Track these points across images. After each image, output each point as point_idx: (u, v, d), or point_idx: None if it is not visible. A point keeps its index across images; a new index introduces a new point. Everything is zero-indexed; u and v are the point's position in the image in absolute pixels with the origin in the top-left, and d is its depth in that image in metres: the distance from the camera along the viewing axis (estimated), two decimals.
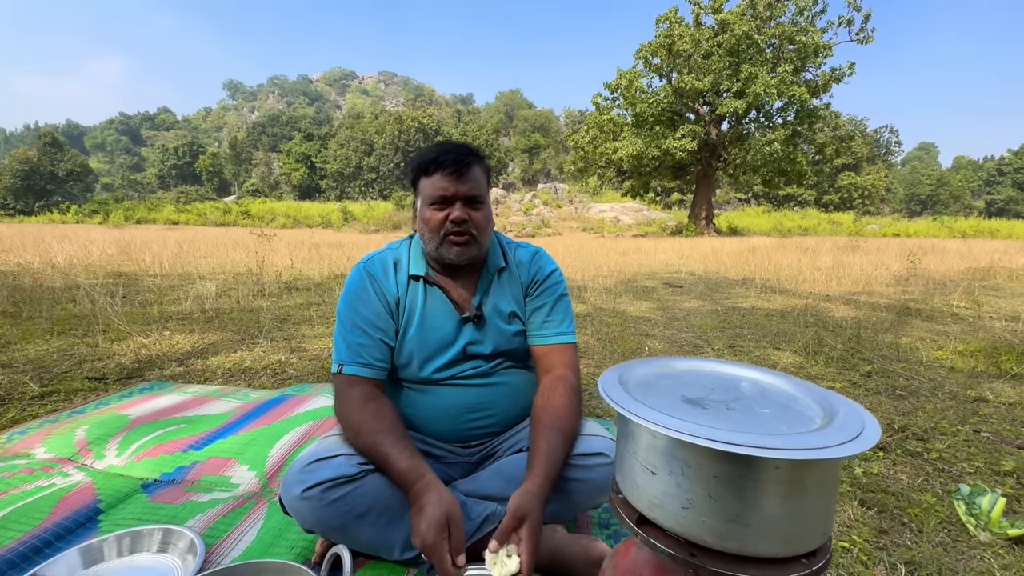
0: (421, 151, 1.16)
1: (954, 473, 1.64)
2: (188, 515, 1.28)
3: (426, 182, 1.13)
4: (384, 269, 1.20)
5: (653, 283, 6.68)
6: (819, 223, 29.31)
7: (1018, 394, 2.42)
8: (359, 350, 1.13)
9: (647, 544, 0.61)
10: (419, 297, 1.19)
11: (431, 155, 1.11)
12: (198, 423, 1.80)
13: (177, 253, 8.72)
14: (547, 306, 1.24)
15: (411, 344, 1.17)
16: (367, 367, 1.13)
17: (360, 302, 1.17)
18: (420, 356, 1.17)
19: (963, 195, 53.33)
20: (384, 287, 1.18)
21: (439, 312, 1.18)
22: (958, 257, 9.75)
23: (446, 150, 1.11)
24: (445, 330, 1.17)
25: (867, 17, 19.75)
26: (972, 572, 1.16)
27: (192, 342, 3.12)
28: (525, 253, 1.29)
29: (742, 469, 0.53)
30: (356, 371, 1.12)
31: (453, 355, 1.17)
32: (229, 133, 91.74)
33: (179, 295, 4.82)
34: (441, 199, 1.11)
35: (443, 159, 1.10)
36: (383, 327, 1.16)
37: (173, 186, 59.25)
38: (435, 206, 1.12)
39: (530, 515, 0.91)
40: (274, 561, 0.97)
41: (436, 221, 1.12)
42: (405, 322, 1.17)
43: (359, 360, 1.13)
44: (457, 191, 1.11)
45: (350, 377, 1.12)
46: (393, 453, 1.00)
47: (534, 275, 1.26)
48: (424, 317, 1.17)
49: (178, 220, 32.02)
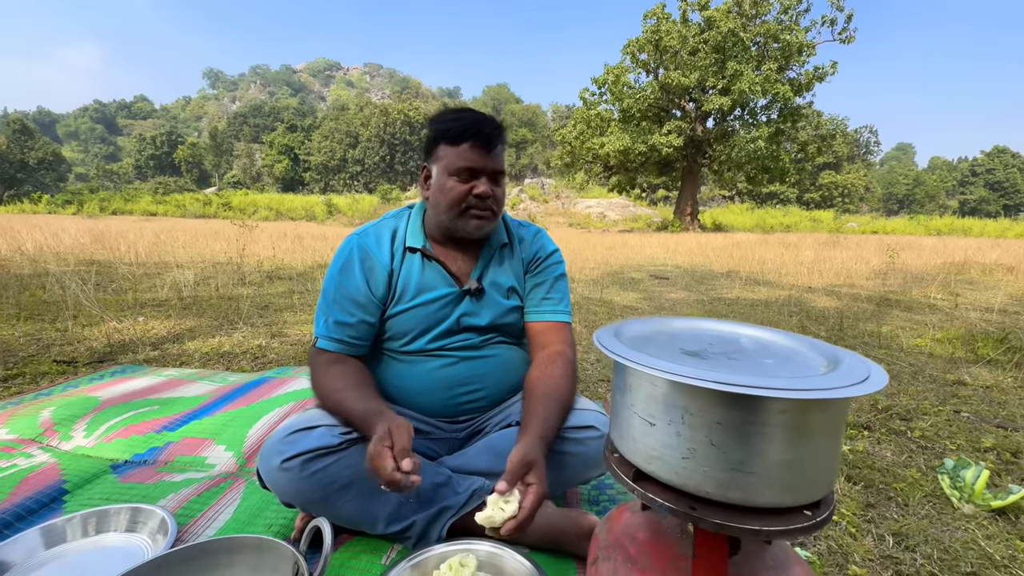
0: (444, 115, 1.09)
1: (937, 450, 1.66)
2: (160, 495, 1.22)
3: (450, 150, 1.07)
4: (379, 240, 1.15)
5: (639, 275, 6.71)
6: (800, 220, 29.81)
7: (994, 378, 2.47)
8: (335, 328, 1.10)
9: (644, 499, 0.58)
10: (415, 270, 1.14)
11: (463, 125, 1.05)
12: (172, 405, 1.73)
13: (154, 242, 8.47)
14: (546, 284, 1.22)
15: (404, 317, 1.13)
16: (340, 343, 1.10)
17: (344, 276, 1.12)
18: (412, 329, 1.13)
19: (938, 195, 54.83)
20: (377, 259, 1.13)
21: (437, 284, 1.14)
22: (934, 253, 10.00)
23: (478, 121, 1.06)
24: (441, 303, 1.14)
25: (849, 17, 20.05)
26: (957, 542, 1.17)
27: (168, 327, 3.02)
28: (528, 231, 1.27)
29: (747, 414, 0.50)
30: (330, 346, 1.10)
31: (447, 326, 1.14)
32: (209, 123, 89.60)
33: (155, 283, 4.67)
34: (468, 171, 1.07)
35: (475, 128, 1.05)
36: (365, 304, 1.11)
37: (151, 177, 57.70)
38: (459, 177, 1.07)
39: (537, 462, 0.88)
40: (250, 536, 0.92)
41: (458, 193, 1.08)
42: (398, 294, 1.13)
43: (333, 336, 1.10)
44: (486, 165, 1.07)
45: (322, 351, 1.10)
46: (353, 400, 0.99)
47: (536, 252, 1.24)
48: (420, 290, 1.13)
49: (156, 211, 31.15)
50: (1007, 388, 2.33)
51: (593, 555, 0.71)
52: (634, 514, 0.74)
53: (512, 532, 0.83)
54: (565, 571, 1.00)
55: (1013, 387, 2.35)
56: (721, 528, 0.52)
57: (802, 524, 0.52)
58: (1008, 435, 1.78)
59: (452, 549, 0.99)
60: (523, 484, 0.87)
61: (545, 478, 0.88)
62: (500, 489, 0.84)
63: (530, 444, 0.91)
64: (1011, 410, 2.04)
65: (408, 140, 51.94)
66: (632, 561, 0.64)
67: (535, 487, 0.85)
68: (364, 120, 53.01)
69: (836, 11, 20.14)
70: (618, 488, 1.33)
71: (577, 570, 1.00)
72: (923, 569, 1.08)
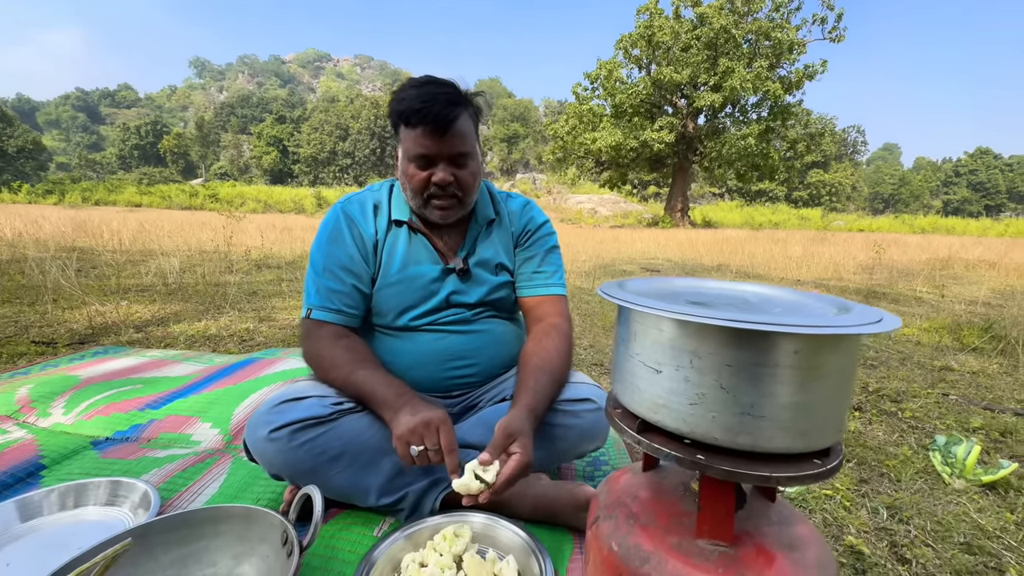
0: (401, 91, 1.01)
1: (927, 430, 1.67)
2: (143, 470, 1.18)
3: (406, 133, 1.00)
4: (363, 210, 1.12)
5: (631, 268, 6.72)
6: (789, 218, 30.13)
7: (980, 364, 2.50)
8: (329, 295, 1.06)
9: (649, 450, 0.56)
10: (401, 243, 1.11)
11: (413, 104, 0.96)
12: (156, 384, 1.68)
13: (139, 231, 8.29)
14: (538, 257, 1.19)
15: (390, 291, 1.10)
16: (337, 313, 1.06)
17: (334, 244, 1.08)
18: (400, 304, 1.10)
19: (923, 194, 55.77)
20: (362, 228, 1.10)
21: (423, 260, 1.11)
22: (919, 250, 10.16)
23: (429, 98, 0.96)
24: (428, 278, 1.11)
25: (840, 16, 20.21)
26: (950, 515, 1.17)
27: (152, 311, 2.95)
28: (516, 203, 1.23)
29: (758, 355, 0.48)
30: (324, 316, 1.06)
31: (435, 304, 1.11)
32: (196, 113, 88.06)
33: (139, 269, 4.57)
34: (424, 158, 1.00)
35: (426, 111, 0.96)
36: (357, 272, 1.08)
37: (135, 167, 56.59)
38: (416, 164, 1.02)
39: (522, 432, 0.86)
40: (236, 506, 0.89)
41: (418, 181, 1.02)
42: (384, 267, 1.10)
43: (328, 305, 1.06)
44: (440, 151, 0.99)
45: (318, 322, 1.06)
46: (372, 378, 0.96)
47: (525, 225, 1.20)
48: (406, 264, 1.10)
49: (140, 202, 30.52)
50: (993, 374, 2.36)
51: (593, 516, 0.69)
52: (635, 475, 0.72)
53: (487, 500, 0.82)
54: (561, 543, 0.98)
55: (998, 373, 2.38)
56: (729, 476, 0.50)
57: (812, 471, 0.51)
58: (995, 416, 1.80)
59: (446, 520, 0.97)
60: (506, 455, 0.85)
61: (530, 448, 0.86)
62: (483, 460, 0.83)
63: (516, 415, 0.90)
64: (997, 393, 2.07)
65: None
66: (634, 518, 0.62)
67: (517, 456, 0.84)
68: (355, 112, 52.43)
69: (827, 9, 20.29)
70: (613, 464, 1.32)
71: (573, 541, 0.99)
72: (917, 540, 1.08)
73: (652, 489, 0.67)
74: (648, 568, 0.56)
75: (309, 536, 0.80)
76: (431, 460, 0.86)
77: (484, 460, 0.83)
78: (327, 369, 1.00)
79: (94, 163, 60.57)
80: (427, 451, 0.85)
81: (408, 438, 0.85)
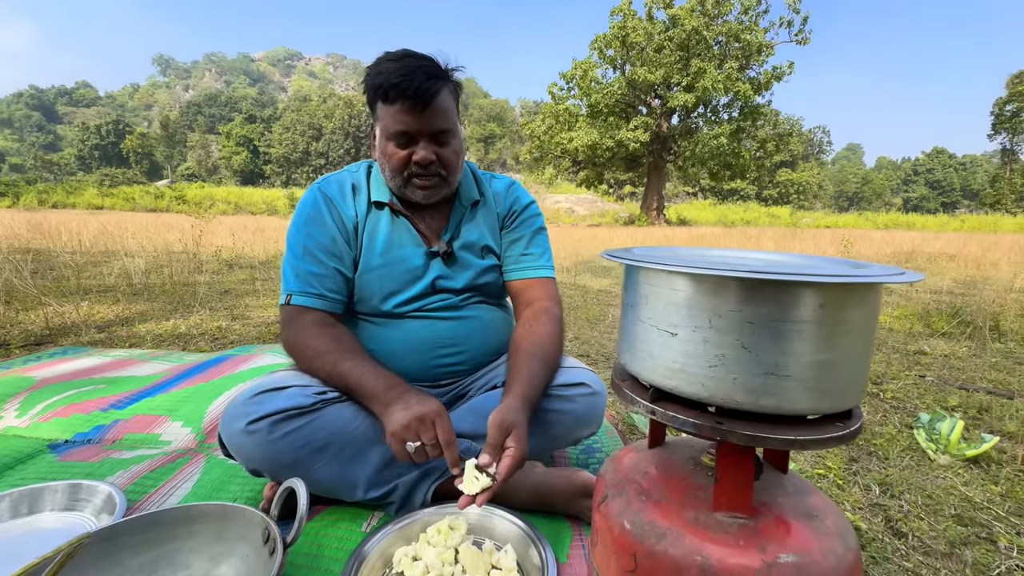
0: (378, 64, 0.95)
1: (909, 409, 1.70)
2: (107, 472, 1.10)
3: (384, 110, 0.94)
4: (341, 191, 1.05)
5: (610, 264, 6.75)
6: (760, 216, 30.93)
7: (951, 348, 2.59)
8: (310, 279, 1.00)
9: (665, 420, 0.53)
10: (382, 225, 1.05)
11: (391, 79, 0.90)
12: (121, 383, 1.58)
13: (100, 233, 7.92)
14: (525, 239, 1.14)
15: (372, 276, 1.04)
16: (319, 298, 1.00)
17: (313, 225, 1.02)
18: (383, 290, 1.04)
19: (884, 192, 58.10)
20: (341, 209, 1.04)
21: (405, 243, 1.05)
22: (884, 244, 10.53)
23: (408, 72, 0.90)
24: (411, 263, 1.05)
25: (805, 19, 20.88)
26: (939, 489, 1.19)
27: (116, 311, 2.79)
28: (501, 184, 1.18)
29: (782, 310, 0.46)
30: (306, 302, 0.99)
31: (420, 289, 1.06)
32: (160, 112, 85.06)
33: (101, 270, 4.35)
34: (404, 135, 0.95)
35: (405, 85, 0.90)
36: (339, 254, 1.02)
37: (96, 168, 54.27)
38: (396, 142, 0.96)
39: (517, 424, 0.82)
40: (212, 504, 0.82)
41: (398, 160, 0.97)
42: (365, 251, 1.04)
43: (310, 290, 0.99)
44: (421, 128, 0.94)
45: (301, 308, 0.99)
46: (360, 369, 0.90)
47: (511, 206, 1.16)
48: (388, 247, 1.04)
49: (102, 204, 29.24)
50: (963, 356, 2.44)
51: (600, 495, 0.66)
52: (640, 452, 0.69)
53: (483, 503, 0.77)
54: (559, 530, 0.95)
55: (967, 355, 2.46)
56: (752, 440, 0.48)
57: (836, 434, 0.48)
58: (970, 395, 1.85)
59: (440, 512, 0.92)
60: (501, 449, 0.81)
61: (525, 440, 0.82)
62: (483, 462, 0.78)
63: (510, 406, 0.85)
64: (969, 374, 2.13)
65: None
66: (646, 494, 0.59)
67: (512, 451, 0.79)
68: (328, 112, 51.48)
69: (793, 12, 20.92)
70: (607, 450, 1.29)
71: (571, 528, 0.95)
72: (910, 514, 1.08)
73: (661, 465, 0.64)
74: (665, 544, 0.53)
75: (293, 532, 0.74)
76: (429, 455, 0.81)
77: (484, 463, 0.78)
78: (310, 359, 0.94)
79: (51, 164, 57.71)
80: (424, 447, 0.81)
81: (403, 434, 0.81)
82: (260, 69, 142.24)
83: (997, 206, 37.41)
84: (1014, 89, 36.77)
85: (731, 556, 0.50)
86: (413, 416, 0.81)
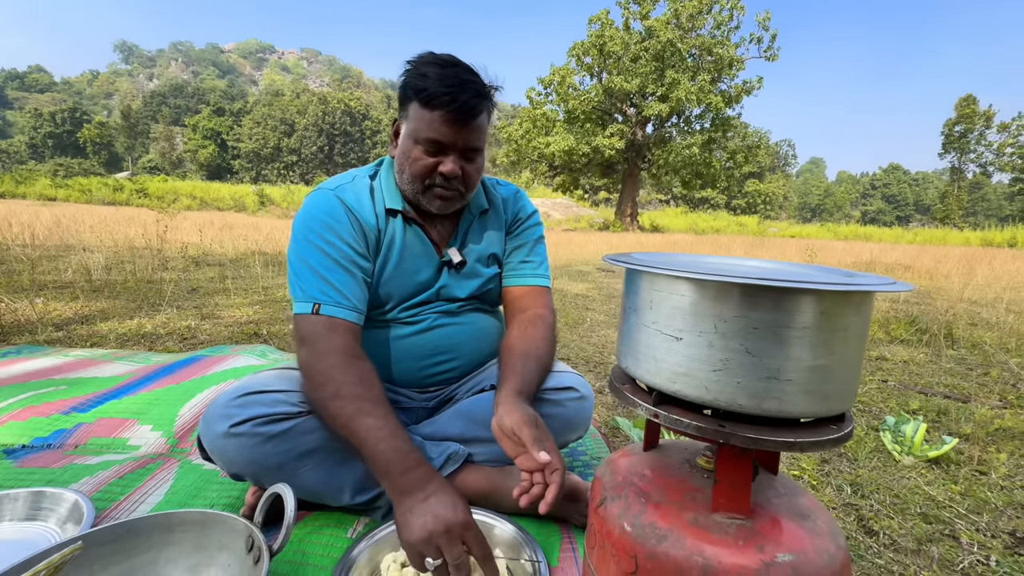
0: (421, 65, 0.91)
1: (874, 412, 1.78)
2: (71, 479, 1.04)
3: (421, 114, 0.90)
4: (358, 198, 0.99)
5: (587, 268, 6.83)
6: (728, 224, 31.87)
7: (909, 354, 2.72)
8: (341, 288, 0.90)
9: (667, 423, 0.54)
10: (398, 233, 1.01)
11: (437, 87, 0.88)
12: (83, 385, 1.49)
13: (55, 225, 7.50)
14: (527, 247, 1.15)
15: (388, 285, 1.00)
16: (352, 311, 0.91)
17: (335, 232, 0.93)
18: (392, 299, 1.01)
19: (844, 205, 60.83)
20: (362, 218, 0.97)
21: (418, 253, 1.03)
22: (845, 254, 11.02)
23: (457, 84, 0.88)
24: (425, 272, 1.03)
25: (774, 36, 21.69)
26: (905, 489, 1.24)
27: (75, 309, 2.65)
28: (507, 191, 1.18)
29: (786, 316, 0.47)
30: (339, 314, 0.88)
31: (425, 297, 1.04)
32: (122, 101, 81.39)
33: (58, 265, 4.12)
34: (437, 144, 0.92)
35: (452, 98, 0.87)
36: (363, 264, 0.96)
37: (49, 157, 51.42)
38: (425, 149, 0.93)
39: (536, 417, 0.81)
40: (190, 511, 0.79)
41: (423, 167, 0.93)
42: (382, 259, 1.00)
43: (342, 302, 0.89)
44: (455, 141, 0.91)
45: (331, 321, 0.88)
46: (380, 433, 0.78)
47: (516, 213, 1.16)
48: (403, 257, 1.01)
49: (56, 196, 27.62)
50: (920, 362, 2.57)
51: (597, 498, 0.66)
52: (636, 455, 0.70)
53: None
54: (549, 534, 0.95)
55: (925, 361, 2.59)
56: (753, 443, 0.49)
57: (833, 436, 0.50)
58: (929, 399, 1.95)
59: None
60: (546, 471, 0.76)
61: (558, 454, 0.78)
62: (542, 460, 0.73)
63: (515, 406, 0.82)
64: (927, 379, 2.25)
65: (349, 131, 49.97)
66: (645, 496, 0.59)
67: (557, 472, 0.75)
68: (301, 108, 50.34)
69: (763, 30, 21.70)
70: (592, 453, 1.30)
71: (561, 532, 0.96)
72: (880, 513, 1.13)
73: (658, 467, 0.65)
74: (666, 546, 0.53)
75: (280, 539, 0.72)
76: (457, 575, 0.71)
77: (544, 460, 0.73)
78: (329, 397, 0.82)
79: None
80: (447, 566, 0.71)
81: (423, 549, 0.70)
82: (230, 61, 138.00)
83: (946, 220, 39.71)
84: (962, 111, 39.20)
85: (731, 556, 0.51)
86: (438, 528, 0.71)
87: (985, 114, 40.43)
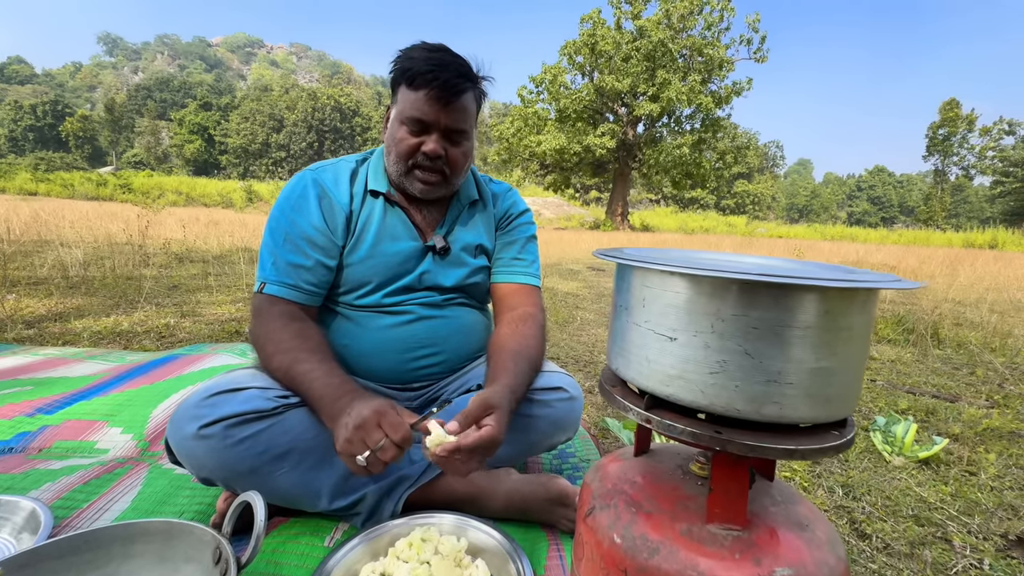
0: (410, 51, 0.94)
1: (863, 412, 1.77)
2: (31, 485, 0.98)
3: (407, 95, 0.92)
4: (336, 179, 1.01)
5: (577, 267, 6.81)
6: (718, 224, 32.10)
7: (897, 353, 2.73)
8: (289, 270, 0.94)
9: (660, 428, 0.50)
10: (376, 214, 1.01)
11: (421, 66, 0.90)
12: (50, 385, 1.43)
13: (32, 220, 7.29)
14: (518, 244, 1.13)
15: (360, 266, 0.99)
16: (295, 290, 0.94)
17: (299, 213, 0.96)
18: (367, 281, 0.99)
19: (831, 206, 61.67)
20: (334, 198, 0.98)
21: (399, 235, 1.01)
22: (832, 254, 11.14)
23: (440, 64, 0.90)
24: (403, 256, 1.01)
25: (763, 38, 21.85)
26: (896, 490, 1.23)
27: (48, 306, 2.56)
28: (500, 187, 1.18)
29: (788, 315, 0.44)
30: (280, 292, 0.93)
31: (406, 283, 1.01)
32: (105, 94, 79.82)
33: (32, 261, 3.99)
34: (419, 123, 0.93)
35: (434, 76, 0.89)
36: (323, 246, 0.97)
37: (29, 151, 50.25)
38: (409, 128, 0.94)
39: (500, 408, 0.77)
40: (154, 520, 0.74)
41: (406, 147, 0.94)
42: (355, 240, 0.99)
43: (286, 280, 0.94)
44: (438, 119, 0.92)
45: (273, 299, 0.93)
46: (315, 372, 0.82)
47: (508, 209, 1.15)
48: (380, 238, 1.00)
49: (36, 190, 27.04)
50: (908, 361, 2.58)
51: (586, 507, 0.63)
52: (626, 460, 0.66)
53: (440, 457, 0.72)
54: (535, 541, 0.91)
55: (912, 360, 2.61)
56: (752, 450, 0.46)
57: (835, 442, 0.47)
58: (917, 399, 1.95)
59: (411, 524, 0.87)
60: (477, 427, 0.75)
61: (504, 425, 0.76)
62: (451, 429, 0.73)
63: (497, 391, 0.81)
64: (915, 379, 2.26)
65: (339, 128, 49.51)
66: (636, 505, 0.56)
67: (489, 427, 0.73)
68: (290, 103, 49.74)
69: (752, 31, 21.86)
70: (580, 456, 1.27)
71: (548, 538, 0.92)
72: (872, 515, 1.11)
73: (649, 474, 0.62)
74: (658, 559, 0.50)
75: (249, 551, 0.68)
76: (386, 459, 0.72)
77: (452, 430, 0.73)
78: (270, 355, 0.87)
79: None
80: (375, 454, 0.71)
81: (349, 449, 0.72)
82: (218, 55, 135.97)
83: (930, 222, 40.43)
84: (946, 115, 39.90)
85: (726, 571, 0.48)
86: (353, 425, 0.72)
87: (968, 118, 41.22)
